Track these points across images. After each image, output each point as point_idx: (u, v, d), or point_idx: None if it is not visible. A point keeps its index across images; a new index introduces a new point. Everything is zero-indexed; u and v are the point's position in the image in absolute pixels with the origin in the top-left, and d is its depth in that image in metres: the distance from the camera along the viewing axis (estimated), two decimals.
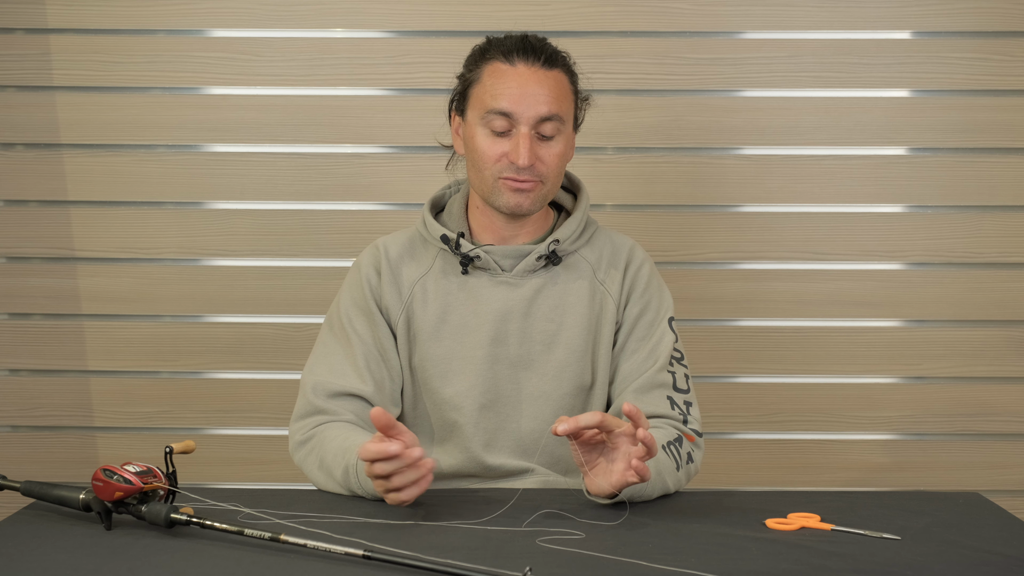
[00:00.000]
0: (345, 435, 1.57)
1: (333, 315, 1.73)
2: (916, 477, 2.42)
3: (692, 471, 1.62)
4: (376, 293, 1.70)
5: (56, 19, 2.33)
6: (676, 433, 1.61)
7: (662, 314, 1.72)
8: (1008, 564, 1.25)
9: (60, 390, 2.43)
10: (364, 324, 1.69)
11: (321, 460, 1.58)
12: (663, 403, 1.64)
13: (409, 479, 1.40)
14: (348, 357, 1.67)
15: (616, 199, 2.36)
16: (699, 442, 1.65)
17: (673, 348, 1.69)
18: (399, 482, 1.39)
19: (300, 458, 1.65)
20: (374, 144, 2.37)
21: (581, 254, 1.74)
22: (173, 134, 2.36)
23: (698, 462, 1.64)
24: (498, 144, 1.63)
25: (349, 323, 1.70)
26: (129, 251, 2.39)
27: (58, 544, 1.29)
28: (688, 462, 1.60)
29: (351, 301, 1.72)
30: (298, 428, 1.66)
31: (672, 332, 1.71)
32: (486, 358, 1.67)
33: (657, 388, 1.65)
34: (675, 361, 1.68)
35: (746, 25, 2.34)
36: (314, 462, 1.60)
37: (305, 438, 1.64)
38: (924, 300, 2.39)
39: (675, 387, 1.66)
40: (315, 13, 2.34)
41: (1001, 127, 2.35)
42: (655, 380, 1.66)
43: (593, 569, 1.21)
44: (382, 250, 1.73)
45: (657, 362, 1.67)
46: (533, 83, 1.62)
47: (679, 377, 1.68)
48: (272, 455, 2.44)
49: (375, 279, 1.71)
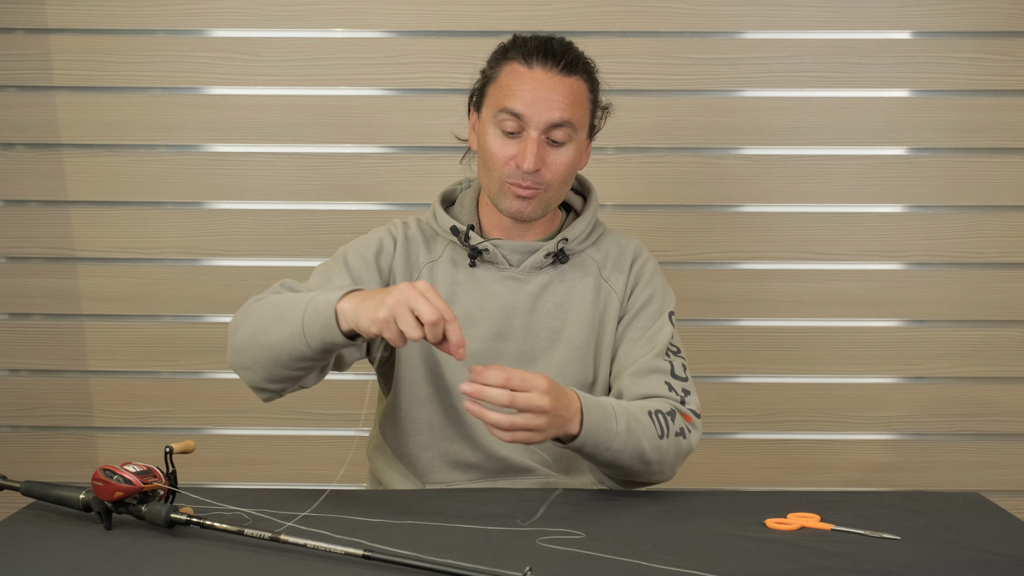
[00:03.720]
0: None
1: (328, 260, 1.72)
2: (916, 477, 2.42)
3: (684, 447, 1.60)
4: (387, 258, 1.70)
5: (56, 19, 2.33)
6: (670, 407, 1.60)
7: (664, 308, 1.72)
8: (1008, 564, 1.25)
9: (60, 390, 2.43)
10: (360, 266, 1.68)
11: (279, 302, 1.49)
12: (661, 386, 1.64)
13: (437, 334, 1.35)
14: (324, 281, 1.65)
15: (616, 199, 2.37)
16: (697, 423, 1.64)
17: (670, 341, 1.69)
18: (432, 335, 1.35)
19: (241, 314, 1.54)
20: (374, 144, 2.37)
21: (588, 254, 1.74)
22: (173, 134, 2.36)
23: (693, 441, 1.62)
24: (508, 146, 1.63)
25: (343, 259, 1.68)
26: (129, 251, 2.39)
27: (58, 544, 1.29)
28: (679, 435, 1.59)
29: (355, 250, 1.70)
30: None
31: (671, 325, 1.71)
32: (488, 352, 1.67)
33: (655, 372, 1.65)
34: (671, 352, 1.68)
35: (746, 25, 2.34)
36: (260, 307, 1.51)
37: (259, 298, 1.56)
38: (924, 300, 2.39)
39: (673, 374, 1.66)
40: (315, 13, 2.34)
41: (1001, 127, 2.35)
42: (652, 365, 1.65)
43: (593, 569, 1.20)
44: (400, 228, 1.73)
45: (655, 348, 1.67)
46: (548, 88, 1.61)
47: (677, 366, 1.67)
48: (272, 455, 2.44)
49: (390, 247, 1.71)
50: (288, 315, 1.45)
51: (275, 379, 1.52)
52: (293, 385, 1.55)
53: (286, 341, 1.45)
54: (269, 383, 1.53)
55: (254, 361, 1.51)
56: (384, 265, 1.70)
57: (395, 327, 1.34)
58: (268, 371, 1.51)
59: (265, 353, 1.49)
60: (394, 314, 1.34)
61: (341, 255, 1.70)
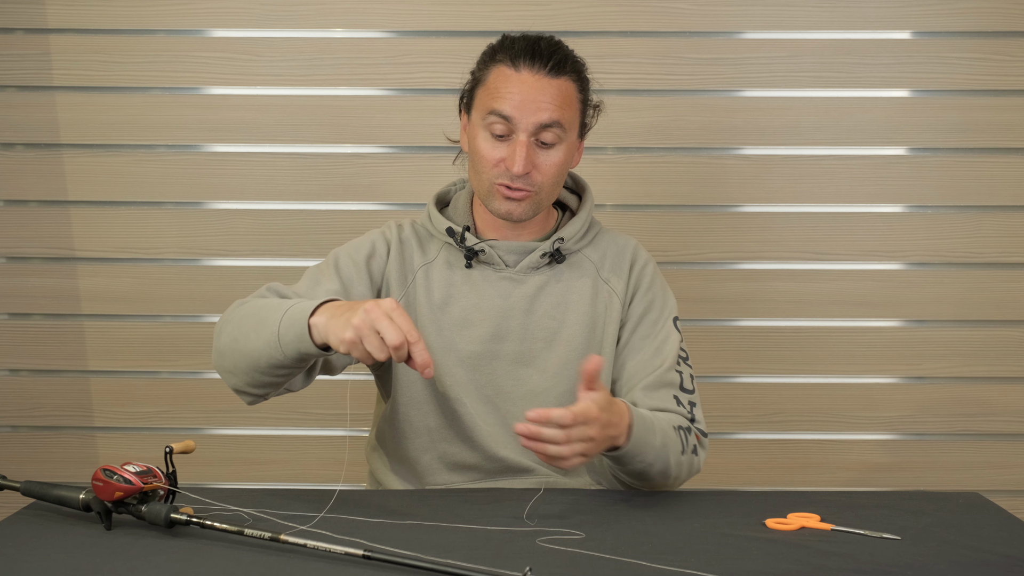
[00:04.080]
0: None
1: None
2: (916, 477, 2.42)
3: (695, 465, 1.62)
4: (379, 262, 1.70)
5: (56, 19, 2.33)
6: (687, 423, 1.62)
7: (666, 313, 1.72)
8: (1008, 564, 1.25)
9: (60, 390, 2.43)
10: (350, 269, 1.68)
11: (260, 307, 1.50)
12: (670, 402, 1.65)
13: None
14: (314, 284, 1.65)
15: (616, 199, 2.36)
16: (704, 443, 1.65)
17: (679, 348, 1.69)
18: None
19: (225, 318, 1.55)
20: (374, 144, 2.37)
21: (584, 253, 1.74)
22: (173, 134, 2.36)
23: (701, 460, 1.64)
24: (497, 148, 1.63)
25: (335, 262, 1.69)
26: (129, 251, 2.39)
27: (58, 544, 1.29)
28: (692, 453, 1.60)
29: (347, 253, 1.70)
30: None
31: (677, 331, 1.71)
32: (485, 354, 1.67)
33: (665, 387, 1.66)
34: (681, 361, 1.69)
35: (746, 25, 2.34)
36: (243, 311, 1.52)
37: (243, 302, 1.57)
38: (924, 300, 2.39)
39: (682, 387, 1.67)
40: (315, 13, 2.34)
41: (1001, 127, 2.35)
42: (664, 379, 1.66)
43: (593, 569, 1.20)
44: (394, 230, 1.74)
45: (665, 362, 1.67)
46: (535, 90, 1.61)
47: (685, 377, 1.68)
48: (272, 455, 2.44)
49: (383, 251, 1.71)
50: (266, 322, 1.46)
51: (256, 384, 1.52)
52: (276, 390, 1.55)
53: (263, 349, 1.46)
54: (251, 387, 1.54)
55: (235, 366, 1.52)
56: (376, 270, 1.70)
57: (362, 347, 1.35)
58: (249, 376, 1.51)
59: (245, 359, 1.49)
60: (359, 335, 1.34)
61: (333, 258, 1.70)
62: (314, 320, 1.40)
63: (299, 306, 1.43)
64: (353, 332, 1.34)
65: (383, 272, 1.70)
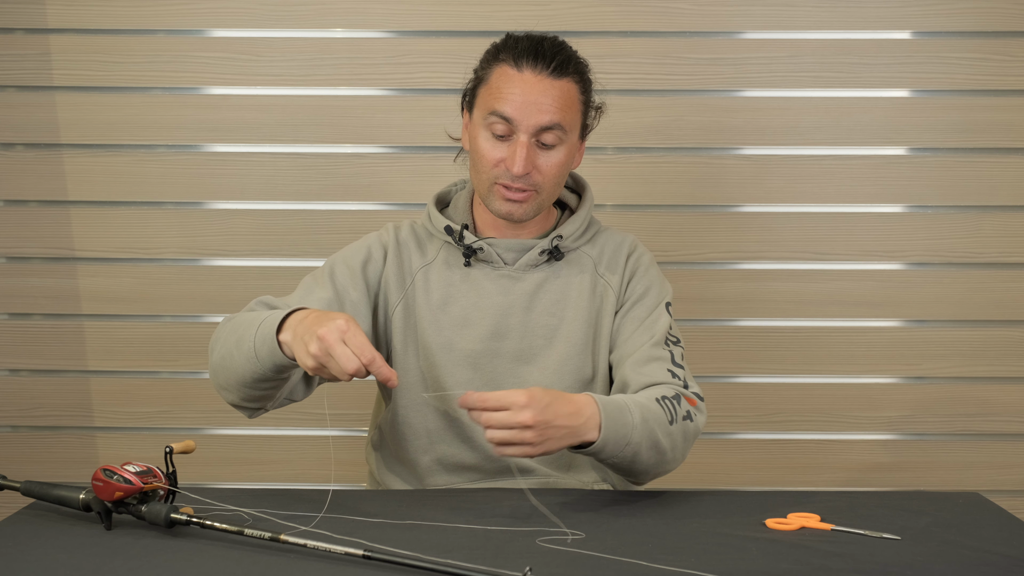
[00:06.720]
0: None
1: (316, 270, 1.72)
2: (916, 477, 2.42)
3: (691, 430, 1.59)
4: (375, 267, 1.70)
5: (56, 19, 2.33)
6: (675, 391, 1.60)
7: (660, 298, 1.72)
8: (1008, 564, 1.25)
9: (60, 390, 2.43)
10: (345, 277, 1.68)
11: (241, 323, 1.51)
12: (664, 373, 1.63)
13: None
14: (306, 294, 1.66)
15: (616, 199, 2.37)
16: (701, 406, 1.63)
17: (669, 329, 1.69)
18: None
19: (215, 335, 1.56)
20: (374, 144, 2.37)
21: (583, 251, 1.74)
22: (173, 134, 2.36)
23: (700, 423, 1.61)
24: (497, 148, 1.63)
25: (330, 270, 1.69)
26: (129, 251, 2.39)
27: (58, 544, 1.29)
28: (686, 419, 1.58)
29: (343, 259, 1.71)
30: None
31: (668, 315, 1.70)
32: (486, 352, 1.67)
33: (656, 360, 1.64)
34: (671, 342, 1.68)
35: (746, 25, 2.34)
36: (229, 328, 1.53)
37: (231, 317, 1.58)
38: (924, 300, 2.39)
39: (673, 362, 1.66)
40: (315, 13, 2.34)
41: (1001, 127, 2.35)
42: (653, 354, 1.65)
43: (593, 569, 1.21)
44: (392, 233, 1.74)
45: (654, 337, 1.66)
46: (537, 91, 1.61)
47: (676, 355, 1.67)
48: (272, 455, 2.44)
49: (380, 256, 1.71)
50: (245, 338, 1.48)
51: (250, 399, 1.54)
52: (273, 402, 1.56)
53: (246, 364, 1.48)
54: (246, 402, 1.55)
55: (227, 382, 1.53)
56: (372, 275, 1.70)
57: (327, 371, 1.36)
58: (241, 392, 1.53)
59: (234, 376, 1.51)
60: (321, 362, 1.36)
61: (329, 265, 1.71)
62: (282, 338, 1.43)
63: (268, 321, 1.45)
64: (313, 361, 1.36)
65: (380, 277, 1.70)
